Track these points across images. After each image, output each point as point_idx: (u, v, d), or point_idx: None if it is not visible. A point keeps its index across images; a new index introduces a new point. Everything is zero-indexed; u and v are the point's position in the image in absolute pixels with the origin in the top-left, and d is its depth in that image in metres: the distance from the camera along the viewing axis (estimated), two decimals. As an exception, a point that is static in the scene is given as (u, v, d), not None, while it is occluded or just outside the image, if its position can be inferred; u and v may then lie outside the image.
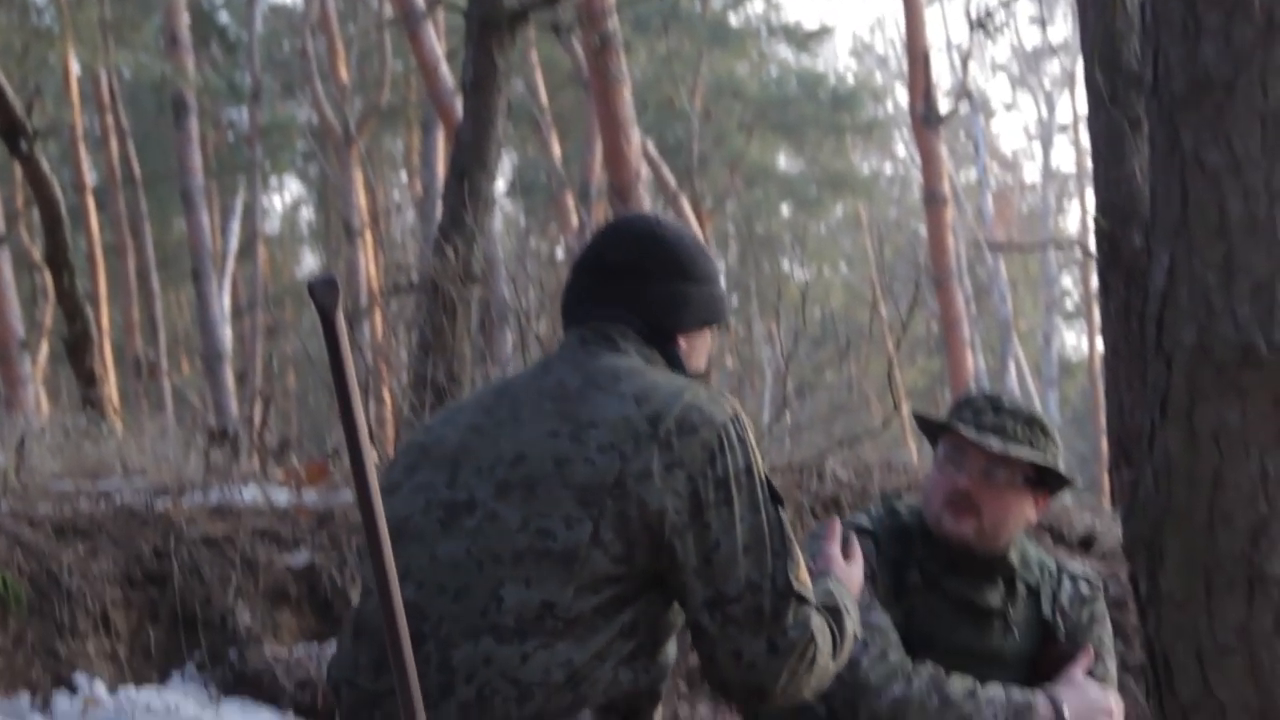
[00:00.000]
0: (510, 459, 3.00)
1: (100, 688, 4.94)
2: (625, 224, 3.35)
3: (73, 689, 4.93)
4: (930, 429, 3.89)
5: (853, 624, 3.03)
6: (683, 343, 3.21)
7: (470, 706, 2.86)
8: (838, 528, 3.23)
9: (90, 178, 24.32)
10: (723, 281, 3.33)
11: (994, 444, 3.71)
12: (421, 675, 2.92)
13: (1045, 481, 3.77)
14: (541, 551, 2.91)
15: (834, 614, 2.99)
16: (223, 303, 20.17)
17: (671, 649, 3.06)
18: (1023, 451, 3.73)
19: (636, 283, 3.22)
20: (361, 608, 3.09)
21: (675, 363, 3.18)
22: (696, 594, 2.89)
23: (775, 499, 2.96)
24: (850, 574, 3.16)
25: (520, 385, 3.17)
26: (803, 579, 2.92)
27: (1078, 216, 36.34)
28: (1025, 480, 3.72)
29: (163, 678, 5.20)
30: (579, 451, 2.95)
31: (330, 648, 5.36)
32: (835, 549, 3.18)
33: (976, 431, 3.74)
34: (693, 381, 3.08)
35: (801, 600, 2.89)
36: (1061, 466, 3.76)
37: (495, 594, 2.91)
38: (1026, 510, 3.78)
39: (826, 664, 2.93)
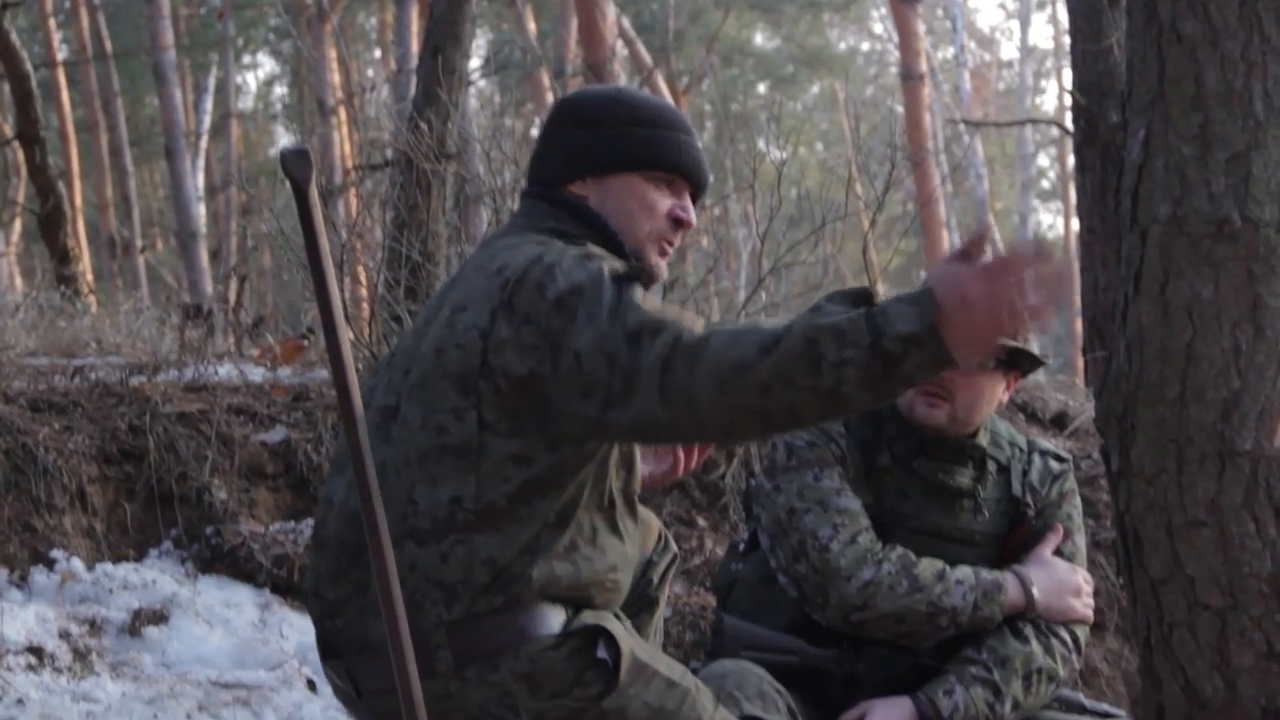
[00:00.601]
0: (419, 357, 2.98)
1: (78, 564, 4.96)
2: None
3: (50, 565, 4.95)
4: None
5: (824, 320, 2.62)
6: (587, 194, 3.10)
7: (406, 613, 2.86)
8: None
9: (61, 52, 24.05)
10: (659, 124, 3.13)
11: None
12: (367, 584, 2.93)
13: (1016, 362, 3.78)
14: (440, 448, 2.89)
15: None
16: (196, 180, 20.05)
17: (628, 533, 3.04)
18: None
19: (537, 149, 3.17)
20: (323, 517, 3.10)
21: (594, 223, 3.08)
22: (593, 413, 2.79)
23: (627, 279, 2.82)
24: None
25: (452, 277, 3.16)
26: (647, 314, 2.73)
27: (1055, 94, 36.22)
28: (997, 363, 3.73)
29: (139, 554, 5.21)
30: (451, 338, 2.92)
31: (306, 525, 5.38)
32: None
33: None
34: (566, 247, 2.94)
35: (640, 333, 2.72)
36: (1034, 347, 3.77)
37: (410, 498, 2.90)
38: (998, 392, 3.80)
39: (729, 352, 2.64)
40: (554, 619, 2.92)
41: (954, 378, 3.70)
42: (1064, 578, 3.79)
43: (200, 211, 19.25)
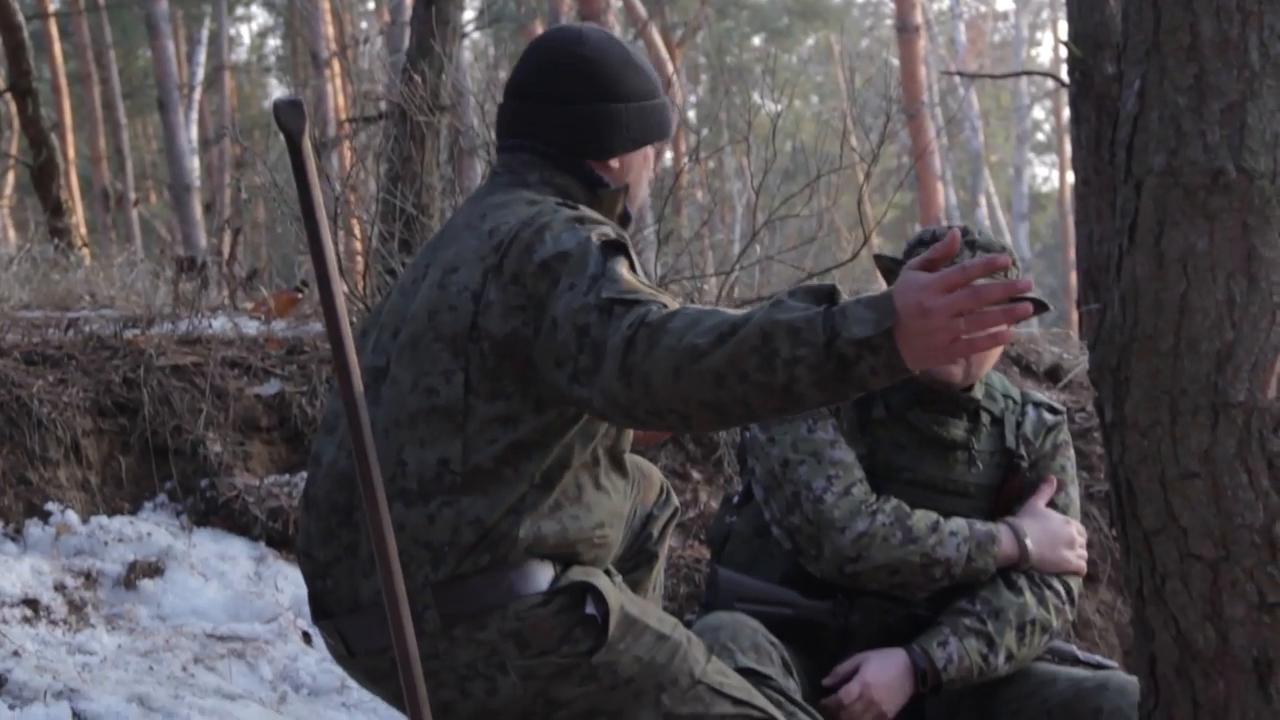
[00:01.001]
0: (409, 318, 2.98)
1: (73, 516, 4.96)
2: (544, 43, 3.18)
3: (45, 518, 4.95)
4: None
5: (782, 316, 2.59)
6: (614, 164, 3.10)
7: None
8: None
9: (53, 3, 23.95)
10: (660, 92, 3.15)
11: None
12: (356, 545, 2.94)
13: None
14: (430, 410, 2.89)
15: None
16: (190, 133, 20.01)
17: (614, 489, 3.04)
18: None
19: (555, 108, 3.09)
20: (311, 477, 3.10)
21: (596, 185, 3.08)
22: (563, 384, 2.80)
23: (614, 249, 2.81)
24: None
25: (437, 235, 3.15)
26: (626, 286, 2.73)
27: (1050, 46, 36.14)
28: (999, 308, 3.74)
29: (134, 507, 5.22)
30: (444, 299, 2.91)
31: (301, 479, 5.38)
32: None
33: None
34: (560, 209, 2.94)
35: (614, 304, 2.72)
36: (1036, 291, 3.78)
37: (399, 459, 2.90)
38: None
39: (685, 335, 2.63)
40: (542, 576, 2.92)
41: None
42: (1057, 529, 3.80)
43: (194, 164, 19.23)
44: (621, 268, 2.79)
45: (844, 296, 2.63)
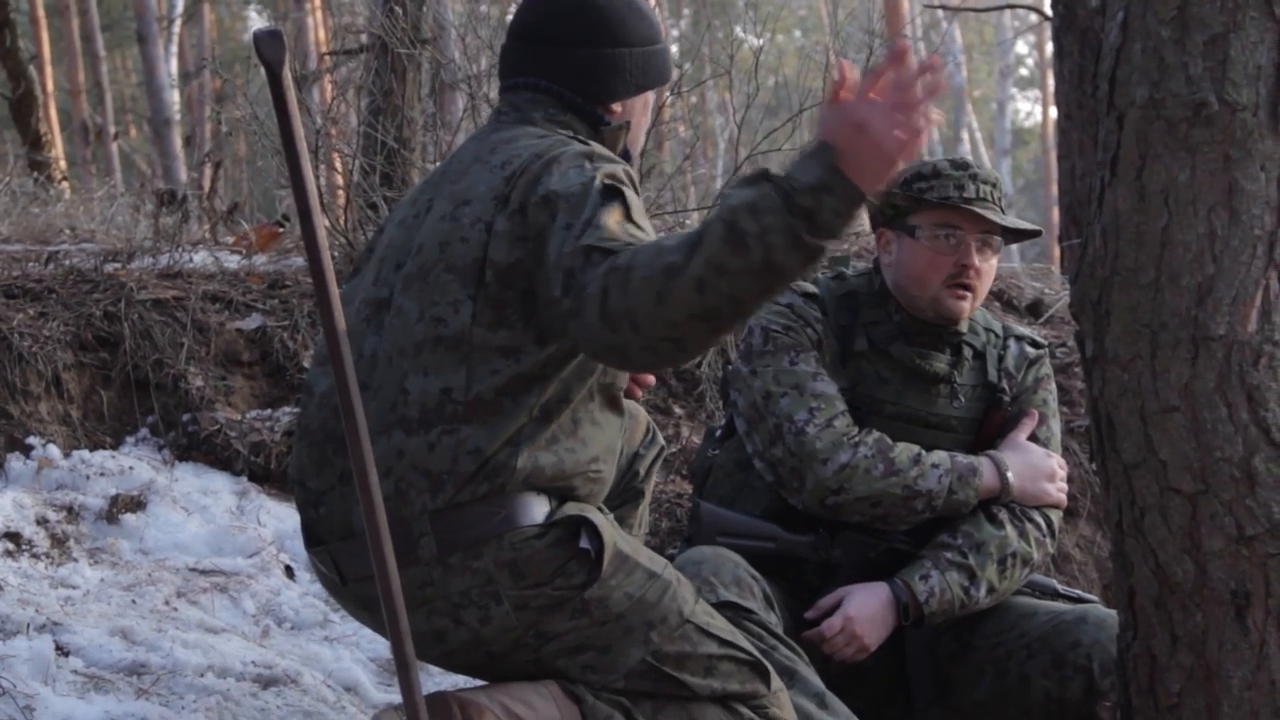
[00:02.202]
0: (415, 250, 3.01)
1: (54, 450, 4.95)
2: None
3: (26, 451, 4.94)
4: (905, 206, 3.81)
5: (746, 216, 2.61)
6: (616, 108, 3.16)
7: (391, 500, 2.87)
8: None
9: (30, -64, 23.72)
10: (661, 38, 3.22)
11: (998, 218, 3.72)
12: (350, 473, 2.95)
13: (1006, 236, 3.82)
14: (436, 339, 2.92)
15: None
16: (169, 66, 19.85)
17: (608, 424, 3.06)
18: (1018, 221, 3.76)
19: (563, 51, 3.14)
20: (304, 406, 3.12)
21: (598, 125, 3.14)
22: (558, 320, 2.84)
23: (614, 192, 2.85)
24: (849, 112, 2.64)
25: (439, 171, 3.17)
26: (608, 234, 2.77)
27: (1034, -19, 35.95)
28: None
29: (116, 441, 5.21)
30: (456, 231, 2.95)
31: (283, 413, 5.38)
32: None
33: (980, 205, 3.73)
34: (571, 142, 2.99)
35: (592, 252, 2.76)
36: (1010, 218, 3.80)
37: (401, 387, 2.93)
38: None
39: (656, 261, 2.66)
40: (538, 509, 2.94)
41: (978, 269, 3.72)
42: (1039, 462, 3.81)
43: (173, 98, 19.09)
44: (612, 214, 2.82)
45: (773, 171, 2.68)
